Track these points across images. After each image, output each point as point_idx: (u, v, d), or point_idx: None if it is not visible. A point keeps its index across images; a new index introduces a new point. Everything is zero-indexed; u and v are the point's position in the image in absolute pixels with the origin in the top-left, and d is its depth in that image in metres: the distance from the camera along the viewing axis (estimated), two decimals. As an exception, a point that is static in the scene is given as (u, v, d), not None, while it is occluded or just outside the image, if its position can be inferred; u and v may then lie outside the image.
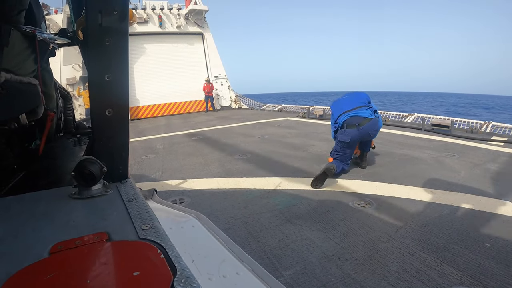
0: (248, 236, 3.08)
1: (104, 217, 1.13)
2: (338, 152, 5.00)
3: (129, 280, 0.74)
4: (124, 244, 0.93)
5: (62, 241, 0.96)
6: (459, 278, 2.33)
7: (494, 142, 6.60)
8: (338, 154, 5.00)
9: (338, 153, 5.00)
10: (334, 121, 5.23)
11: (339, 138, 4.98)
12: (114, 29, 1.36)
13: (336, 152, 5.03)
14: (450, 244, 2.76)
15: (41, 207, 1.28)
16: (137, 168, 6.04)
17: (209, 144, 7.99)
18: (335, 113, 5.29)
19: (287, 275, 2.47)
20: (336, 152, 5.04)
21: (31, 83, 1.93)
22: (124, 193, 1.36)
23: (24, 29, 1.87)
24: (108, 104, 1.45)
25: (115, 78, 1.41)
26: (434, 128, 8.04)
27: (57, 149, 3.02)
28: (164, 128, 12.16)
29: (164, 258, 0.82)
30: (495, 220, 3.16)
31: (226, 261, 1.00)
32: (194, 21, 18.67)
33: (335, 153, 5.04)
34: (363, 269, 2.51)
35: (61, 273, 0.80)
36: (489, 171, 4.68)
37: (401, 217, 3.32)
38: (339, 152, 4.99)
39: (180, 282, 0.72)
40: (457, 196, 3.78)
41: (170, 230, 1.17)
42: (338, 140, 5.00)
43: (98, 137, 1.51)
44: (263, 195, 4.17)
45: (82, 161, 1.34)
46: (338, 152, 5.00)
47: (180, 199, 4.09)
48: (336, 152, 5.03)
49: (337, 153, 5.02)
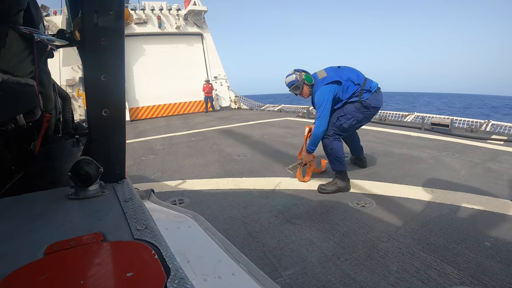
0: (248, 237, 3.08)
1: (100, 218, 1.12)
2: (346, 130, 4.41)
3: (122, 281, 0.73)
4: (119, 244, 0.92)
5: (57, 241, 0.95)
6: (460, 277, 2.32)
7: (494, 141, 6.59)
8: (345, 132, 4.44)
9: (345, 131, 4.43)
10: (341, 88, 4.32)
11: (370, 103, 4.26)
12: (110, 29, 1.36)
13: (342, 130, 4.37)
14: (450, 244, 2.75)
15: (38, 208, 1.27)
16: (137, 169, 6.04)
17: (208, 145, 7.98)
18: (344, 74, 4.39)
19: (287, 275, 2.47)
20: (342, 130, 4.36)
21: (28, 84, 1.93)
22: (120, 194, 1.35)
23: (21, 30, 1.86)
24: (105, 104, 1.44)
25: (111, 78, 1.41)
26: (434, 128, 8.04)
27: (55, 150, 3.02)
28: (164, 128, 12.16)
29: (158, 258, 0.81)
30: (496, 219, 3.15)
31: (222, 262, 0.99)
32: (193, 22, 18.69)
33: (338, 133, 4.35)
34: (363, 269, 2.50)
35: (55, 273, 0.79)
36: (489, 170, 4.67)
37: (401, 217, 3.31)
38: (346, 130, 4.41)
39: (173, 283, 0.71)
40: (457, 195, 3.77)
41: (166, 231, 1.16)
42: (363, 106, 4.26)
43: (94, 138, 1.50)
44: (262, 195, 4.16)
45: (79, 162, 1.33)
46: (346, 129, 4.39)
47: (179, 199, 4.09)
48: (343, 131, 4.38)
49: (344, 131, 4.42)
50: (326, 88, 4.29)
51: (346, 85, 4.30)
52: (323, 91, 4.29)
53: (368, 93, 4.28)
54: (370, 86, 4.31)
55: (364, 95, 4.26)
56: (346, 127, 4.33)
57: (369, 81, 4.37)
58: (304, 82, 4.48)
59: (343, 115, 4.30)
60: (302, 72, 4.53)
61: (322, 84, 4.34)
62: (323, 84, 4.32)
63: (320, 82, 4.38)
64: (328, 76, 4.36)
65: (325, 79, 4.35)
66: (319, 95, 4.31)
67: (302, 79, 4.47)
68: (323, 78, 4.38)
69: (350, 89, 4.30)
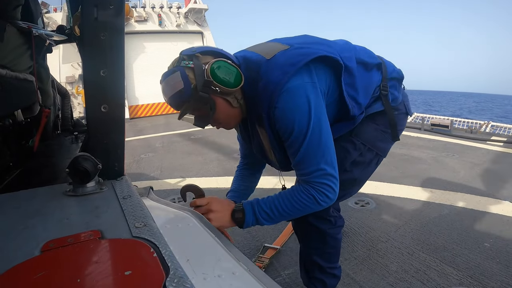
0: (247, 235, 3.06)
1: (98, 215, 1.11)
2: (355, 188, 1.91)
3: (120, 280, 0.72)
4: (117, 242, 0.91)
5: (54, 238, 0.94)
6: (459, 278, 2.31)
7: (494, 142, 6.58)
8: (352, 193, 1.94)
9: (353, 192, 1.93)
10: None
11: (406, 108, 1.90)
12: (109, 24, 1.34)
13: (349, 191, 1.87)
14: (450, 244, 2.74)
15: (35, 204, 1.26)
16: (136, 167, 6.01)
17: (208, 143, 7.96)
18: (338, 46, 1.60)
19: (286, 275, 2.45)
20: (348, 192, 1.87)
21: (27, 79, 1.91)
22: (119, 191, 1.34)
23: (20, 25, 1.85)
24: (104, 100, 1.42)
25: (110, 74, 1.39)
26: (434, 128, 8.02)
27: (54, 147, 3.00)
28: (163, 127, 12.13)
29: (157, 257, 0.80)
30: (495, 220, 3.14)
31: (222, 261, 0.97)
32: (194, 20, 18.62)
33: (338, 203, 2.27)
34: (362, 268, 2.49)
35: (51, 271, 0.78)
36: (489, 171, 4.67)
37: (400, 217, 3.30)
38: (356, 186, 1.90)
39: (172, 282, 0.70)
40: (456, 196, 3.76)
41: (166, 229, 1.15)
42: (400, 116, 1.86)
43: (93, 134, 1.48)
44: (261, 194, 4.10)
45: (76, 158, 1.31)
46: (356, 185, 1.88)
47: (178, 198, 4.05)
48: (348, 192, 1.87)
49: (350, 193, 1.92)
50: (302, 88, 1.37)
51: (356, 74, 1.56)
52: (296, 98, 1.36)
53: (399, 88, 1.86)
54: (395, 72, 1.82)
55: (393, 94, 1.77)
56: (363, 181, 1.93)
57: (388, 62, 1.82)
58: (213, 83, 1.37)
59: (356, 157, 1.74)
60: (208, 57, 1.44)
61: (282, 76, 1.34)
62: (288, 78, 1.34)
63: (276, 70, 1.37)
64: (294, 49, 1.43)
65: (287, 58, 1.39)
66: (291, 113, 1.37)
67: (205, 76, 1.37)
68: (280, 56, 1.40)
69: (369, 81, 1.68)
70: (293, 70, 1.34)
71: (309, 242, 1.88)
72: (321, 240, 1.81)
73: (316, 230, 1.78)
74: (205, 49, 1.49)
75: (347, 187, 1.76)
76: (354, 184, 1.82)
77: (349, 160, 1.71)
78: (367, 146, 1.73)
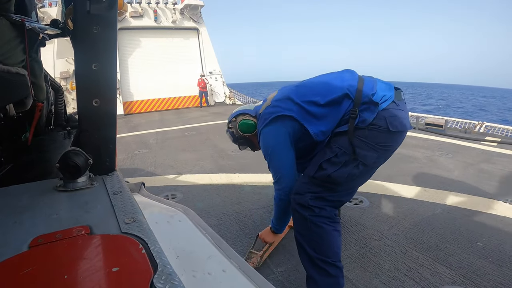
0: (240, 233, 3.05)
1: (88, 210, 1.09)
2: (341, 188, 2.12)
3: (108, 276, 0.70)
4: (106, 238, 0.89)
5: (43, 234, 0.92)
6: (451, 277, 2.31)
7: (488, 142, 6.61)
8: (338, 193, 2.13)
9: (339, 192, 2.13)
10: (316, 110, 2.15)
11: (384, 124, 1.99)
12: (102, 17, 1.32)
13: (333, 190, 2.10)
14: (443, 243, 2.75)
15: (25, 199, 1.24)
16: (130, 163, 5.99)
17: (202, 140, 7.94)
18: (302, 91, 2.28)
19: (279, 272, 2.45)
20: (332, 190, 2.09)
21: (19, 73, 1.88)
22: (109, 186, 1.32)
23: (13, 18, 1.82)
24: (95, 94, 1.41)
25: (102, 68, 1.37)
26: (428, 128, 8.05)
27: (46, 142, 2.97)
28: (158, 123, 12.08)
29: (146, 253, 0.78)
30: (488, 219, 3.16)
31: (212, 258, 0.96)
32: (189, 16, 18.55)
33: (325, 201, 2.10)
34: (355, 267, 2.49)
35: (39, 267, 0.76)
36: (483, 171, 4.68)
37: (394, 216, 3.30)
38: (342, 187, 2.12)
39: (160, 279, 0.68)
40: (450, 195, 3.77)
41: (156, 225, 1.14)
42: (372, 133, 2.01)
43: (84, 128, 1.47)
44: (255, 191, 4.14)
45: (67, 153, 1.30)
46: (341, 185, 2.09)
47: (172, 194, 4.05)
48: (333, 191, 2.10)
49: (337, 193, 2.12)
50: (267, 131, 2.33)
51: (313, 110, 2.14)
52: (264, 136, 2.36)
53: (372, 111, 2.00)
54: (373, 95, 2.01)
55: (363, 116, 2.00)
56: (340, 181, 2.06)
57: (369, 83, 2.08)
58: (243, 134, 2.64)
59: (330, 157, 2.06)
60: (239, 117, 2.64)
61: (262, 124, 2.37)
62: (262, 126, 2.36)
63: (260, 120, 2.42)
64: (270, 107, 2.34)
65: (263, 114, 2.38)
66: (262, 143, 2.40)
67: (238, 131, 2.64)
68: (263, 112, 2.40)
69: (329, 113, 2.11)
70: (265, 122, 2.32)
71: (297, 228, 2.16)
72: (305, 225, 2.08)
73: (299, 215, 2.11)
74: (237, 113, 2.68)
75: (326, 183, 2.08)
76: (331, 181, 2.06)
77: (324, 159, 2.08)
78: (342, 149, 2.04)
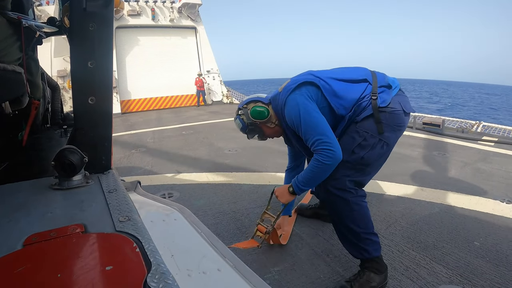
0: (237, 232, 3.05)
1: (83, 209, 1.08)
2: (370, 170, 2.32)
3: (101, 275, 0.70)
4: (100, 236, 0.89)
5: (37, 232, 0.91)
6: (449, 276, 2.31)
7: (485, 142, 6.62)
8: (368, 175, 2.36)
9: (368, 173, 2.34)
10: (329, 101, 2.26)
11: (399, 107, 2.23)
12: (98, 15, 1.31)
13: (364, 173, 2.30)
14: (440, 243, 2.75)
15: (20, 198, 1.24)
16: (127, 162, 5.97)
17: (199, 139, 7.93)
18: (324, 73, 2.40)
19: (275, 272, 2.44)
20: (363, 172, 2.29)
21: (15, 71, 1.87)
22: (105, 185, 1.31)
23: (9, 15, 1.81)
24: (91, 92, 1.40)
25: (98, 65, 1.37)
26: (425, 127, 8.06)
27: (42, 140, 2.96)
28: (155, 122, 12.06)
29: (140, 252, 0.78)
30: (485, 219, 3.16)
31: (207, 257, 0.95)
32: (187, 15, 18.51)
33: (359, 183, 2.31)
34: (352, 266, 2.49)
35: (32, 266, 0.76)
36: (480, 171, 4.69)
37: (391, 215, 3.30)
38: (371, 169, 2.32)
39: (154, 278, 0.68)
40: (447, 195, 3.78)
41: (151, 223, 1.13)
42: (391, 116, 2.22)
43: (80, 126, 1.46)
44: (252, 190, 4.13)
45: (63, 151, 1.29)
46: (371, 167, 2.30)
47: (169, 193, 4.04)
48: (364, 174, 2.30)
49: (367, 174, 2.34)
50: (293, 96, 2.29)
51: (335, 86, 2.27)
52: (290, 102, 2.30)
53: (388, 93, 2.25)
54: (387, 82, 2.31)
55: (382, 97, 2.21)
56: (372, 162, 2.26)
57: (380, 74, 2.36)
58: (254, 120, 2.58)
59: (361, 141, 2.21)
60: (251, 104, 2.63)
61: (285, 96, 2.34)
62: (287, 95, 2.32)
63: (282, 95, 2.39)
64: (292, 81, 2.40)
65: (287, 87, 2.38)
66: (288, 110, 2.31)
67: (250, 118, 2.59)
68: (285, 88, 2.41)
69: (349, 90, 2.28)
70: (289, 91, 2.31)
71: (340, 212, 2.27)
72: (348, 207, 2.23)
73: (341, 199, 2.22)
74: (248, 100, 2.67)
75: (358, 165, 2.23)
76: (363, 163, 2.23)
77: (355, 144, 2.22)
78: (369, 133, 2.21)
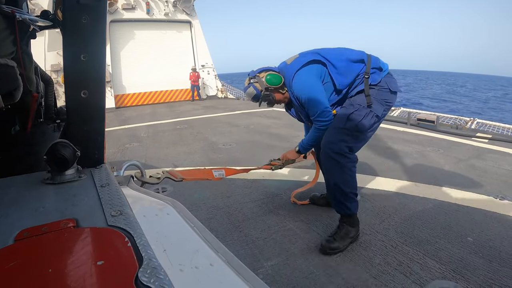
0: (230, 226, 3.05)
1: (75, 203, 1.08)
2: (364, 137, 2.72)
3: (92, 269, 0.69)
4: (92, 231, 0.88)
5: (28, 227, 0.91)
6: (442, 271, 2.33)
7: (479, 139, 6.65)
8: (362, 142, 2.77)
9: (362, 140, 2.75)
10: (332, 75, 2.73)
11: (387, 86, 2.71)
12: (91, 7, 1.30)
13: (358, 139, 2.70)
14: (433, 238, 2.77)
15: (12, 193, 1.22)
16: (121, 156, 5.96)
17: (193, 133, 7.92)
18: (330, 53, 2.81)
19: (269, 266, 2.45)
20: (358, 139, 2.69)
21: (8, 64, 1.85)
22: (97, 179, 1.31)
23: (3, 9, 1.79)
24: (84, 85, 1.38)
25: (91, 58, 1.35)
26: (420, 123, 8.08)
27: (36, 135, 2.94)
28: (149, 116, 12.02)
29: (131, 246, 0.77)
30: (478, 215, 3.18)
31: (200, 252, 0.95)
32: (182, 9, 18.40)
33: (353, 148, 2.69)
34: (346, 260, 2.50)
35: (24, 260, 0.75)
36: (474, 167, 4.72)
37: (384, 210, 3.32)
38: (365, 136, 2.72)
39: (145, 272, 0.67)
40: (441, 190, 3.80)
41: (143, 218, 1.12)
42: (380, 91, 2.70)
43: (72, 120, 1.45)
44: (246, 185, 4.13)
45: (55, 145, 1.28)
46: (365, 135, 2.70)
47: (162, 188, 4.03)
48: (359, 140, 2.71)
49: (361, 141, 2.74)
50: (303, 72, 2.74)
51: (338, 65, 2.71)
52: (300, 77, 2.75)
53: (379, 74, 2.72)
54: (379, 64, 2.76)
55: (373, 77, 2.69)
56: (364, 129, 2.64)
57: (374, 58, 2.79)
58: (269, 87, 2.88)
59: (354, 111, 2.62)
60: (262, 73, 2.92)
61: (294, 69, 2.76)
62: (297, 69, 2.75)
63: (291, 68, 2.80)
64: (301, 56, 2.81)
65: (297, 62, 2.79)
66: (297, 84, 2.76)
67: (264, 84, 2.86)
68: (294, 62, 2.81)
69: (349, 69, 2.73)
70: (298, 67, 2.74)
71: (334, 174, 2.68)
72: (340, 170, 2.64)
73: (335, 162, 2.64)
74: (260, 70, 2.96)
75: (353, 132, 2.62)
76: (358, 129, 2.62)
77: (349, 112, 2.62)
78: (362, 105, 2.64)
